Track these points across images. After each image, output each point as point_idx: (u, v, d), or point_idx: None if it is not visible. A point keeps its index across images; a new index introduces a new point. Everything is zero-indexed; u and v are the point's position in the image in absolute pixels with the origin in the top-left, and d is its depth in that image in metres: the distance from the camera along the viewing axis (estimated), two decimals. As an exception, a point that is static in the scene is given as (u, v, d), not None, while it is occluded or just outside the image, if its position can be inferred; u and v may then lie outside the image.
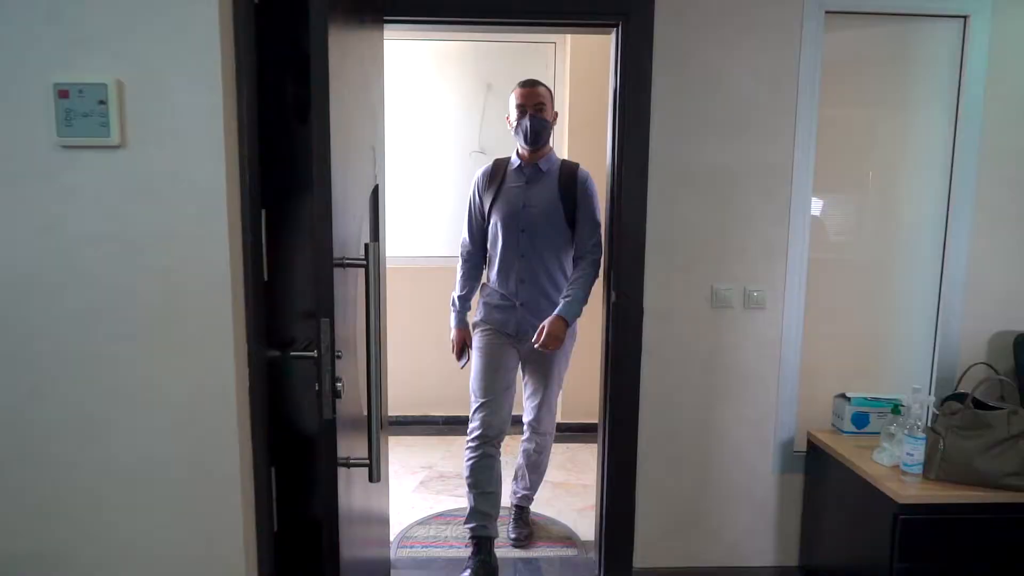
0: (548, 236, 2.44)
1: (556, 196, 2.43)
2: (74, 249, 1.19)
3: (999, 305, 2.38)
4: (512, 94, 2.46)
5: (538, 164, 2.46)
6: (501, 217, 2.45)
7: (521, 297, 2.46)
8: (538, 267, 2.45)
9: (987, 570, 1.91)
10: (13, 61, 1.14)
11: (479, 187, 2.54)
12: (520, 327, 2.47)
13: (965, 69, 2.28)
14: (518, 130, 2.43)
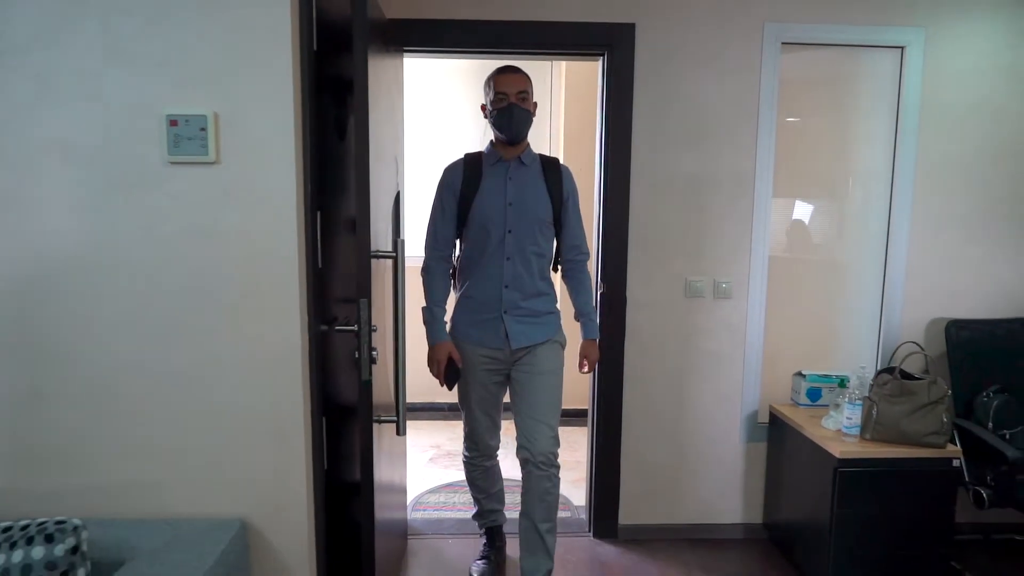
0: (536, 236, 2.20)
1: (543, 192, 2.20)
2: (176, 240, 1.54)
3: (934, 295, 2.74)
4: (489, 80, 2.17)
5: (520, 158, 2.21)
6: (485, 217, 2.18)
7: (507, 304, 2.21)
8: (525, 270, 2.21)
9: (908, 511, 2.27)
10: (136, 97, 1.49)
11: (452, 184, 2.23)
12: (512, 337, 2.22)
13: (903, 92, 2.65)
14: (500, 121, 2.14)
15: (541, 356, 2.24)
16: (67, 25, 1.47)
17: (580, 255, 2.33)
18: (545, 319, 2.27)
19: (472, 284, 2.26)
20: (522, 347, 2.23)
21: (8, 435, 1.55)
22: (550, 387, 2.25)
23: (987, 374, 2.61)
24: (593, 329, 2.34)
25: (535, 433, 2.20)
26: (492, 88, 2.15)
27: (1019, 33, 2.63)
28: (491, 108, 2.16)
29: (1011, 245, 2.72)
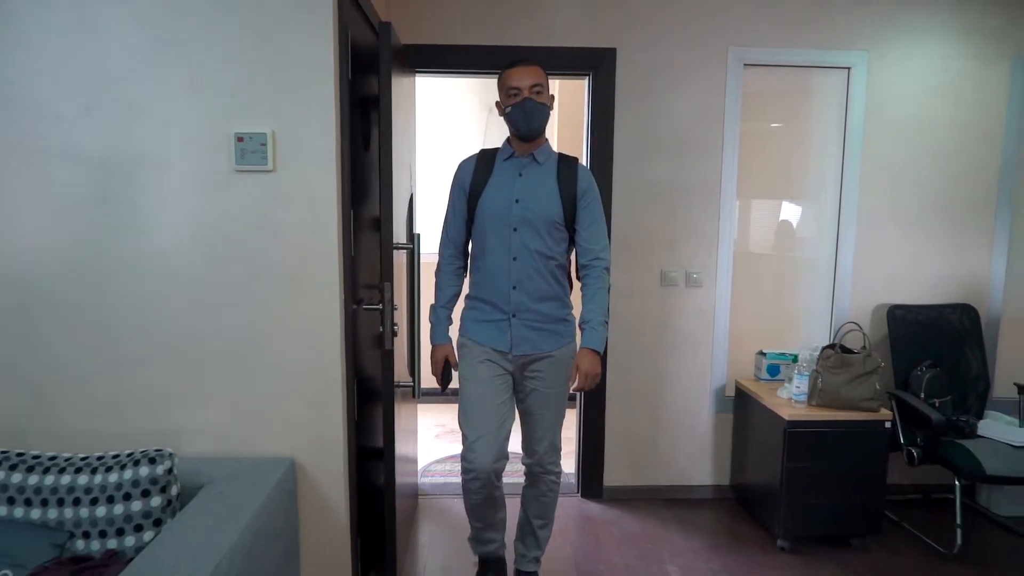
0: (543, 235, 2.08)
1: (554, 191, 2.08)
2: (241, 233, 1.92)
3: (878, 283, 3.14)
4: (502, 76, 2.09)
5: (534, 155, 2.11)
6: (489, 213, 2.09)
7: (515, 306, 2.10)
8: (533, 271, 2.08)
9: (847, 466, 2.66)
10: (210, 119, 1.87)
11: (462, 180, 2.16)
12: (515, 343, 2.12)
13: (849, 107, 3.05)
14: (513, 117, 2.05)
15: (548, 374, 2.14)
16: (156, 60, 1.85)
17: (595, 260, 2.13)
18: (556, 327, 2.14)
19: (480, 283, 2.16)
20: (526, 355, 2.12)
21: (105, 389, 1.93)
22: (555, 405, 2.19)
23: (921, 352, 3.01)
24: (593, 338, 2.06)
25: (535, 446, 2.21)
26: (505, 83, 2.06)
27: (947, 57, 3.03)
28: (504, 104, 2.07)
29: (943, 240, 3.12)
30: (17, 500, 1.68)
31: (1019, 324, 3.22)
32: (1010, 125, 3.06)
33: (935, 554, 2.72)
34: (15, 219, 1.87)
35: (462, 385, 2.18)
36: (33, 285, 1.89)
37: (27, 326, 1.90)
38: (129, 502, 1.67)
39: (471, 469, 2.12)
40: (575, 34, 2.95)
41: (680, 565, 2.61)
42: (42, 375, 1.91)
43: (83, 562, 1.59)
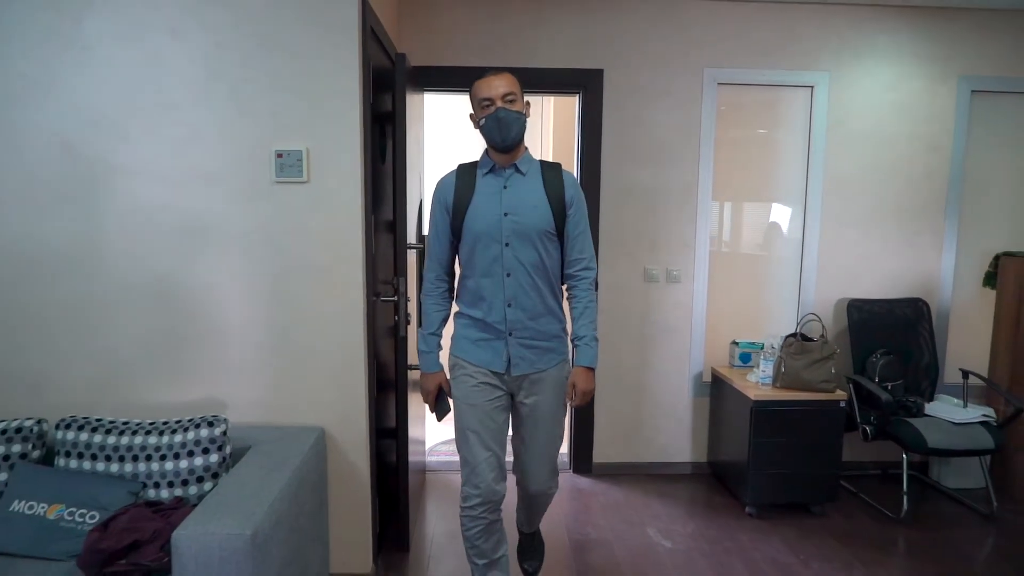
0: (537, 247, 1.98)
1: (543, 200, 1.99)
2: (281, 235, 2.26)
3: (839, 280, 3.49)
4: (472, 88, 2.00)
5: (516, 165, 2.02)
6: (478, 230, 1.97)
7: (511, 324, 2.00)
8: (528, 287, 1.99)
9: (807, 440, 3.00)
10: (255, 139, 2.22)
11: (444, 199, 2.04)
12: (513, 363, 2.02)
13: (813, 121, 3.39)
14: (487, 128, 1.95)
15: (544, 399, 2.06)
16: (210, 89, 2.20)
17: (584, 270, 2.07)
18: (552, 344, 2.06)
19: (472, 303, 2.04)
20: (524, 374, 2.04)
21: (167, 368, 2.28)
22: (551, 425, 2.10)
23: (877, 341, 3.35)
24: (588, 355, 2.04)
25: (531, 472, 2.13)
26: (476, 94, 1.98)
27: (900, 77, 3.38)
28: (477, 116, 1.99)
29: (898, 240, 3.47)
30: (99, 457, 2.02)
31: (966, 316, 3.57)
32: (956, 138, 3.41)
33: (884, 519, 3.06)
34: (95, 221, 2.22)
35: (458, 409, 2.07)
36: (108, 277, 2.24)
37: (102, 312, 2.24)
38: (192, 458, 2.01)
39: (475, 494, 2.03)
40: (567, 57, 3.29)
41: (659, 528, 2.95)
42: (114, 355, 2.26)
43: (156, 506, 1.93)
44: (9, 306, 2.22)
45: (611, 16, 3.29)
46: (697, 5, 3.29)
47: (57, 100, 2.17)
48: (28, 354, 2.24)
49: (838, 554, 2.74)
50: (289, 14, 2.18)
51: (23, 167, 2.18)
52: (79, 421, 2.08)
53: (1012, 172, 3.50)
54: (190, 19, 2.16)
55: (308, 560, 2.10)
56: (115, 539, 1.74)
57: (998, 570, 2.66)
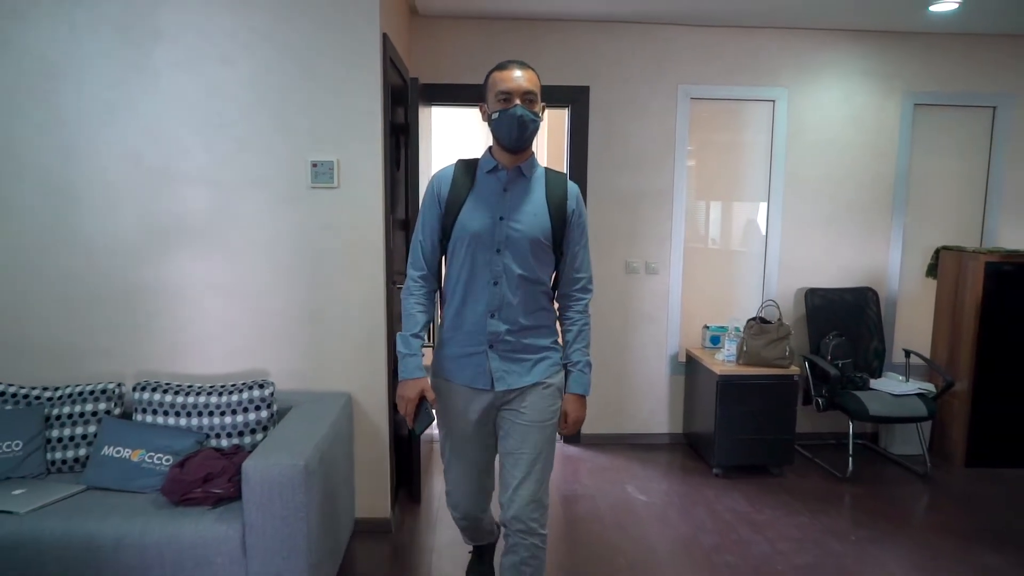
0: (531, 257, 1.85)
1: (543, 208, 1.86)
2: (315, 232, 2.70)
3: (799, 271, 3.94)
4: (491, 77, 1.84)
5: (520, 168, 1.88)
6: (471, 231, 1.84)
7: (492, 336, 1.85)
8: (516, 297, 1.85)
9: (765, 410, 3.45)
10: (293, 151, 2.65)
11: (438, 193, 1.90)
12: (496, 378, 1.86)
13: (774, 131, 3.84)
14: (501, 124, 1.80)
15: (532, 403, 1.88)
16: (256, 109, 2.63)
17: (580, 291, 1.94)
18: (541, 357, 1.90)
19: (455, 311, 1.89)
20: (508, 390, 1.88)
21: (220, 345, 2.71)
22: (539, 440, 1.88)
23: (831, 324, 3.80)
24: (581, 383, 1.91)
25: (514, 494, 1.87)
26: (494, 85, 1.81)
27: (851, 92, 3.83)
28: (491, 108, 1.83)
29: (850, 236, 3.92)
30: (169, 412, 2.47)
31: (911, 303, 4.03)
32: (901, 146, 3.86)
33: (833, 478, 3.51)
34: (159, 220, 2.66)
35: (441, 436, 1.99)
36: (169, 267, 2.68)
37: (164, 297, 2.68)
38: (246, 413, 2.46)
39: (455, 509, 2.06)
40: (557, 75, 3.74)
41: (636, 486, 3.40)
42: (174, 333, 2.70)
43: (219, 451, 2.37)
44: (86, 290, 2.66)
45: (596, 39, 3.73)
46: (672, 29, 3.74)
47: (129, 119, 2.61)
48: (101, 331, 2.68)
49: (789, 505, 3.19)
50: (323, 47, 2.62)
51: (102, 175, 2.62)
52: (152, 384, 2.52)
53: (950, 175, 3.95)
54: (241, 51, 2.60)
55: (339, 500, 2.55)
56: (192, 473, 2.19)
57: (924, 517, 3.11)
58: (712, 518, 3.06)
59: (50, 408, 2.47)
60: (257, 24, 2.59)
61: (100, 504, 2.17)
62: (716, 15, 3.54)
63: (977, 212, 3.98)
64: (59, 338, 2.66)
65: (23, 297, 2.64)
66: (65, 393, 2.51)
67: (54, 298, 2.65)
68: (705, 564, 2.66)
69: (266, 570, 2.05)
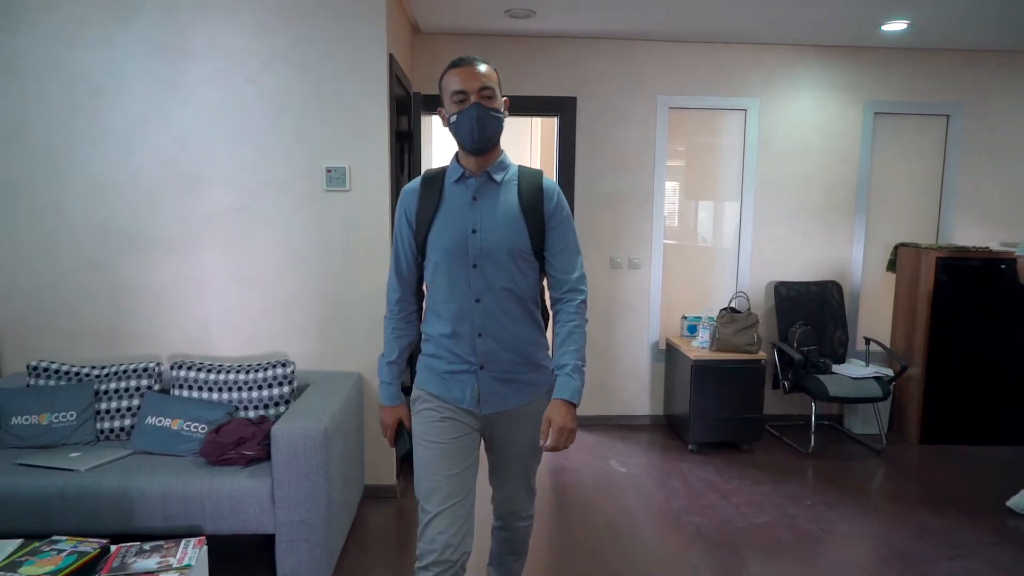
0: (511, 269, 1.73)
1: (517, 214, 1.73)
2: (328, 230, 3.05)
3: (769, 266, 4.28)
4: (444, 78, 1.71)
5: (489, 173, 1.74)
6: (444, 248, 1.72)
7: (481, 356, 1.75)
8: (501, 313, 1.74)
9: (736, 393, 3.80)
10: (310, 159, 3.00)
11: (407, 211, 1.79)
12: (484, 400, 1.77)
13: (747, 138, 4.19)
14: (460, 126, 1.67)
15: (521, 426, 1.81)
16: (276, 120, 2.98)
17: (570, 292, 1.79)
18: (532, 377, 1.80)
19: (437, 332, 1.77)
20: (497, 411, 1.79)
21: (243, 330, 3.06)
22: (530, 461, 1.88)
23: (799, 315, 4.15)
24: (568, 387, 1.71)
25: (509, 501, 1.91)
26: (448, 87, 1.68)
27: (817, 101, 4.17)
28: (448, 111, 1.69)
29: (816, 234, 4.27)
30: (203, 388, 2.81)
31: (872, 295, 4.38)
32: (863, 151, 4.21)
33: (797, 454, 3.86)
34: (189, 219, 3.01)
35: (417, 448, 1.79)
36: (198, 260, 3.03)
37: (193, 287, 3.03)
38: (271, 389, 2.81)
39: (432, 551, 1.69)
40: (548, 87, 4.08)
41: (618, 460, 3.75)
42: (204, 320, 3.05)
43: (247, 420, 2.71)
44: (128, 282, 3.01)
45: (583, 55, 4.08)
46: (652, 45, 4.09)
47: (164, 130, 2.96)
48: (141, 318, 3.03)
49: (754, 476, 3.54)
50: (336, 67, 2.96)
51: (141, 179, 2.97)
52: (187, 363, 2.87)
53: (908, 178, 4.30)
54: (264, 70, 2.95)
55: (351, 465, 2.90)
56: (227, 437, 2.54)
57: (875, 486, 3.46)
58: (684, 487, 3.41)
59: (98, 384, 2.82)
60: (278, 46, 2.94)
61: (147, 464, 2.52)
62: (692, 33, 3.89)
63: (933, 211, 4.33)
64: (105, 324, 3.01)
65: (74, 288, 2.99)
66: (111, 371, 2.86)
67: (100, 289, 3.00)
68: (674, 523, 3.01)
69: (291, 517, 2.40)
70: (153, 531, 2.39)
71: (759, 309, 4.22)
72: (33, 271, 2.97)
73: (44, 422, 2.70)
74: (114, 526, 2.37)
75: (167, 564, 2.09)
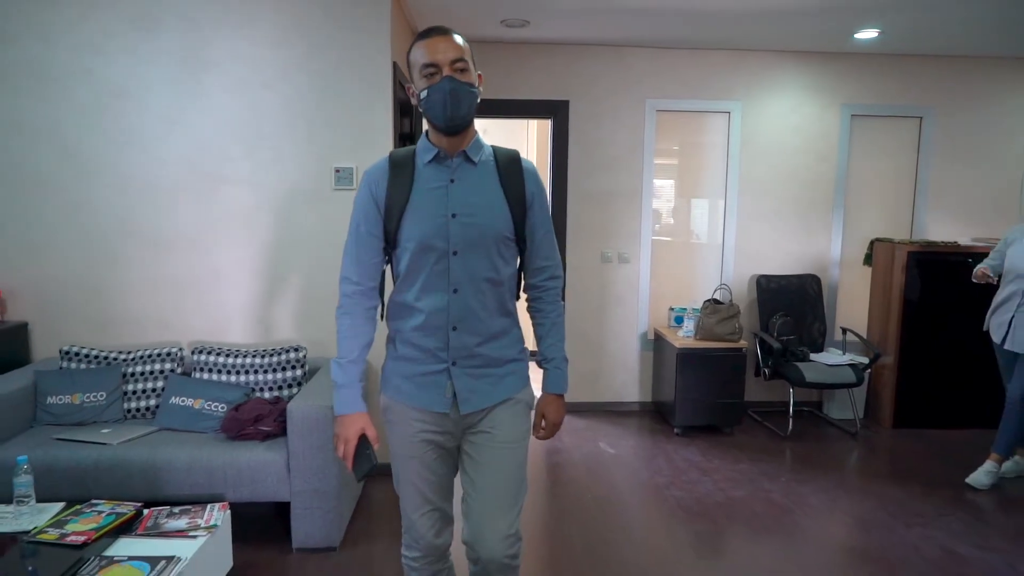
0: (492, 256, 1.61)
1: (499, 198, 1.61)
2: (337, 226, 3.28)
3: (752, 260, 4.53)
4: (411, 51, 1.57)
5: (466, 153, 1.60)
6: (420, 235, 1.56)
7: (455, 352, 1.61)
8: (479, 305, 1.61)
9: (718, 379, 4.04)
10: (320, 159, 3.23)
11: (374, 194, 1.61)
12: (460, 400, 1.63)
13: (730, 138, 4.43)
14: (432, 103, 1.52)
15: (501, 421, 1.67)
16: (290, 123, 3.22)
17: (550, 279, 1.72)
18: (508, 369, 1.68)
19: (407, 328, 1.63)
20: (475, 411, 1.65)
21: (260, 320, 3.30)
22: (511, 465, 1.67)
23: (780, 306, 4.39)
24: (558, 381, 1.72)
25: (486, 530, 1.64)
26: (417, 60, 1.55)
27: (796, 104, 4.41)
28: (418, 87, 1.56)
29: (797, 229, 4.51)
30: (222, 371, 3.05)
31: (849, 288, 4.62)
32: (840, 150, 4.45)
33: (776, 436, 4.11)
34: (209, 216, 3.24)
35: (394, 462, 1.70)
36: (218, 254, 3.27)
37: (213, 279, 3.27)
38: (284, 372, 3.05)
39: (415, 546, 1.74)
40: (541, 90, 4.32)
41: (607, 442, 3.99)
42: (222, 309, 3.29)
43: (264, 400, 2.95)
44: (151, 274, 3.25)
45: (575, 60, 4.31)
46: (640, 51, 4.32)
47: (185, 133, 3.19)
48: (164, 307, 3.27)
49: (735, 456, 3.79)
50: (345, 75, 3.20)
51: (163, 179, 3.21)
52: (207, 348, 3.11)
53: (883, 176, 4.54)
54: (279, 78, 3.19)
55: (359, 443, 3.13)
56: (245, 414, 2.78)
57: (846, 465, 3.71)
58: (669, 465, 3.65)
59: (125, 367, 3.06)
60: (292, 56, 3.17)
61: (173, 439, 2.76)
62: (678, 40, 4.13)
63: (907, 208, 4.57)
64: (130, 313, 3.25)
65: (101, 280, 3.23)
66: (137, 356, 3.10)
67: (126, 281, 3.24)
68: (657, 497, 3.25)
69: (305, 487, 2.64)
70: (180, 498, 2.63)
71: (743, 301, 4.46)
72: (63, 263, 3.21)
73: (76, 401, 2.94)
74: (144, 494, 2.61)
75: (195, 524, 2.34)
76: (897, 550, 2.77)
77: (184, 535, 2.24)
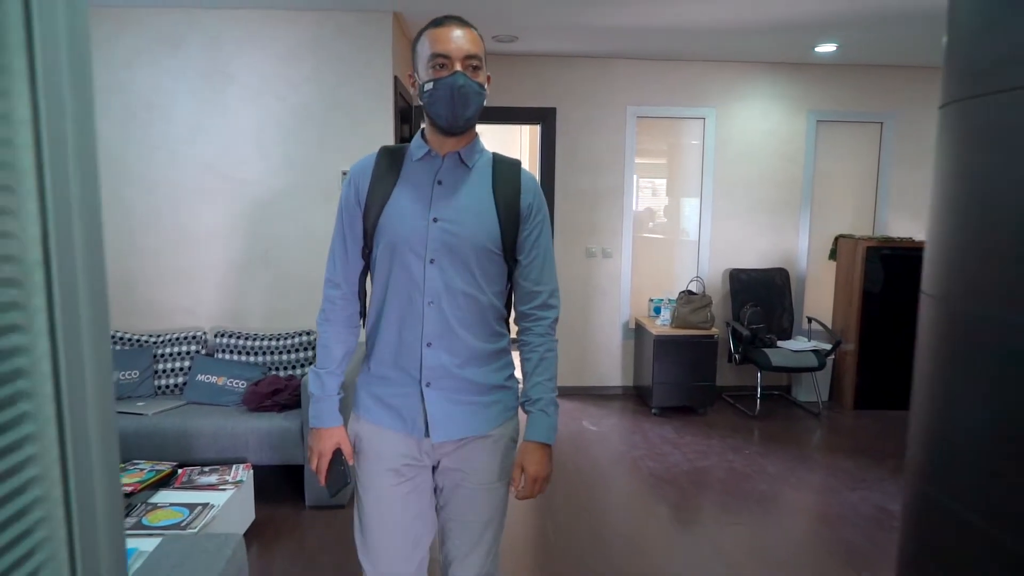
0: (473, 269, 1.43)
1: (489, 205, 1.45)
2: (342, 222, 3.65)
3: (726, 255, 4.89)
4: (422, 37, 1.42)
5: (459, 154, 1.45)
6: (395, 236, 1.42)
7: (429, 372, 1.43)
8: (457, 321, 1.43)
9: (692, 364, 4.41)
10: (329, 164, 3.60)
11: (357, 189, 1.48)
12: (433, 425, 1.44)
13: (705, 142, 4.79)
14: (436, 96, 1.38)
15: (479, 460, 1.49)
16: (300, 131, 3.59)
17: (542, 308, 1.51)
18: (494, 398, 1.50)
19: (383, 339, 1.47)
20: (450, 441, 1.47)
21: (273, 310, 3.67)
22: (486, 507, 1.52)
23: (751, 297, 4.76)
24: (543, 427, 1.47)
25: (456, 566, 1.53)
26: (427, 47, 1.39)
27: (766, 110, 4.77)
28: (422, 78, 1.41)
29: (767, 227, 4.88)
30: (242, 352, 3.42)
31: (816, 280, 4.99)
32: (807, 153, 4.81)
33: (745, 416, 4.48)
34: (227, 213, 3.61)
35: (358, 495, 1.53)
36: (236, 248, 3.64)
37: (232, 271, 3.65)
38: (297, 353, 3.42)
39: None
40: (531, 98, 4.68)
41: (589, 421, 4.36)
42: (240, 299, 3.66)
43: (280, 377, 3.33)
44: (177, 265, 3.62)
45: (561, 70, 4.68)
46: (622, 62, 4.69)
47: (207, 140, 3.56)
48: (188, 295, 3.64)
49: (705, 433, 4.16)
50: (351, 87, 3.57)
51: (187, 181, 3.58)
52: (228, 332, 3.48)
53: (847, 177, 4.91)
54: (291, 90, 3.55)
55: (364, 417, 3.51)
56: (264, 388, 3.15)
57: (805, 441, 4.08)
58: (644, 441, 4.02)
59: (155, 349, 3.43)
60: (303, 70, 3.54)
61: (200, 411, 3.13)
62: (657, 52, 4.49)
63: (870, 207, 4.93)
64: (158, 300, 3.63)
65: (133, 272, 3.60)
66: (165, 338, 3.47)
67: (154, 271, 3.61)
68: (632, 467, 3.62)
69: (317, 451, 3.01)
70: (208, 461, 3.00)
71: (717, 293, 4.83)
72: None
73: (113, 379, 3.31)
74: (177, 457, 2.98)
75: (224, 480, 2.72)
76: (837, 507, 3.14)
77: (215, 488, 2.62)
